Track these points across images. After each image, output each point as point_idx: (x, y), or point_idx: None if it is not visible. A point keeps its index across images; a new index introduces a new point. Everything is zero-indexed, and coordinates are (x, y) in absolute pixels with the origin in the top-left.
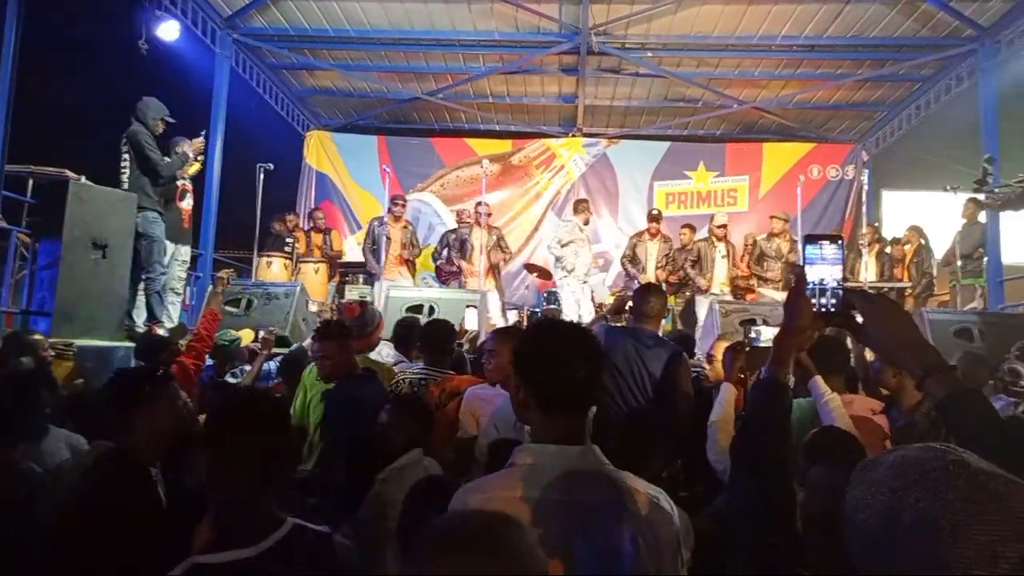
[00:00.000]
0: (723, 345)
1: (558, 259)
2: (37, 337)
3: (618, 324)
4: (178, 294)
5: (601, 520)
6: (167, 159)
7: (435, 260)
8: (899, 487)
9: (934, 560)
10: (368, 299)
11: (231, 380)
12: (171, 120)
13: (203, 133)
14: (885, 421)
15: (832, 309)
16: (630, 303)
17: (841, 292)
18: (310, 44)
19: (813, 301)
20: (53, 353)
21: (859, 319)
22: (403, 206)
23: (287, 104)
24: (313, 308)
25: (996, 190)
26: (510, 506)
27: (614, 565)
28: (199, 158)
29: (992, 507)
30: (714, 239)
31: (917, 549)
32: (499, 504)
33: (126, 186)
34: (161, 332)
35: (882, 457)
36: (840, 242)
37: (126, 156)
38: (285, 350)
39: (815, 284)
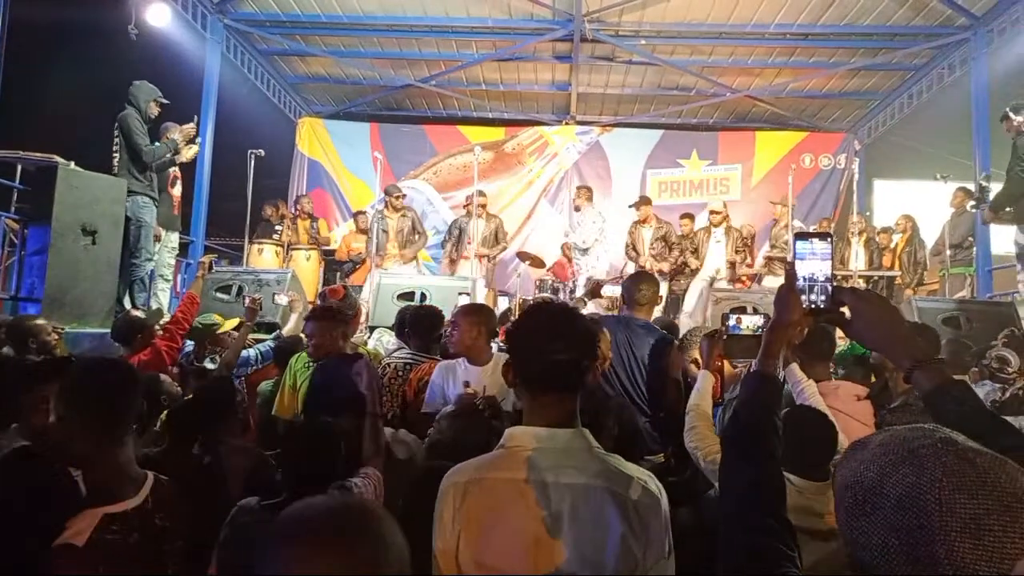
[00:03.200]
0: None
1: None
2: (40, 322)
3: (609, 311)
4: (167, 280)
5: (590, 503)
6: (156, 144)
7: (441, 247)
8: (887, 464)
9: (920, 534)
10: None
11: (209, 365)
12: (164, 101)
13: (195, 118)
14: (870, 406)
15: (821, 305)
16: (607, 287)
17: (830, 288)
18: (302, 30)
19: (803, 297)
20: (56, 336)
21: (848, 314)
22: (399, 197)
23: (279, 90)
24: (282, 300)
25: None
26: (501, 487)
27: (602, 547)
28: (197, 140)
29: (978, 481)
30: (711, 226)
31: (904, 524)
32: (490, 484)
33: (116, 170)
34: (139, 314)
35: (871, 437)
36: (830, 238)
37: (117, 140)
38: (268, 336)
39: (805, 280)
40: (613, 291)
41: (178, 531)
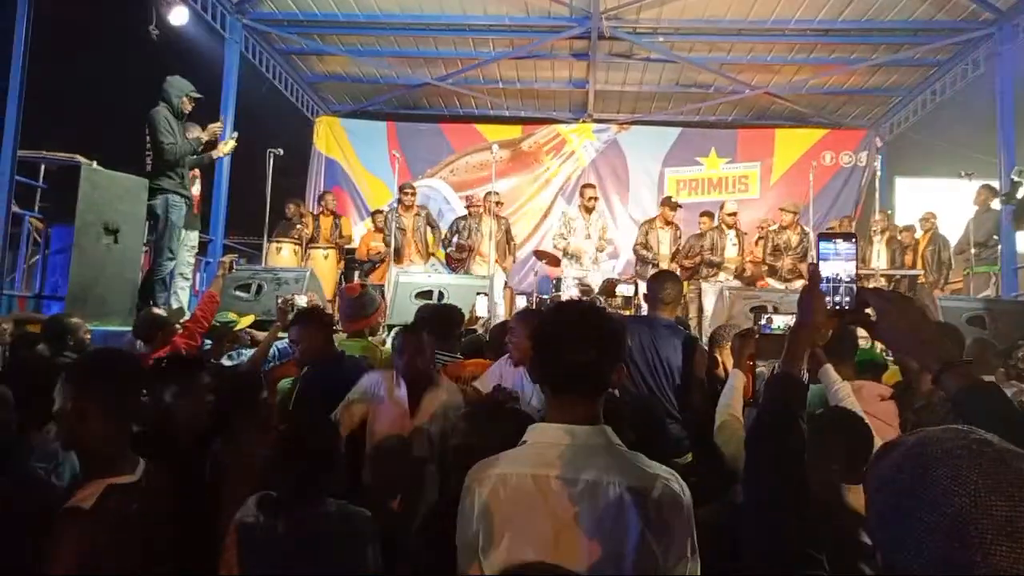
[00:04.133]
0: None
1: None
2: (77, 320)
3: (623, 310)
4: (187, 279)
5: (610, 500)
6: (179, 142)
7: (444, 247)
8: (921, 465)
9: (954, 536)
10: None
11: (226, 362)
12: (198, 96)
13: (220, 117)
14: (894, 407)
15: (846, 306)
16: (621, 286)
17: (855, 289)
18: (319, 29)
19: (827, 298)
20: (90, 336)
21: (873, 316)
22: (412, 195)
23: (296, 89)
24: (301, 300)
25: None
26: (523, 483)
27: (621, 544)
28: (234, 136)
29: (1014, 483)
30: (724, 227)
31: (937, 525)
32: (512, 480)
33: (149, 168)
34: (160, 312)
35: (904, 438)
36: (854, 239)
37: (149, 138)
38: (283, 335)
39: (829, 281)
40: (627, 290)
41: (169, 520)
